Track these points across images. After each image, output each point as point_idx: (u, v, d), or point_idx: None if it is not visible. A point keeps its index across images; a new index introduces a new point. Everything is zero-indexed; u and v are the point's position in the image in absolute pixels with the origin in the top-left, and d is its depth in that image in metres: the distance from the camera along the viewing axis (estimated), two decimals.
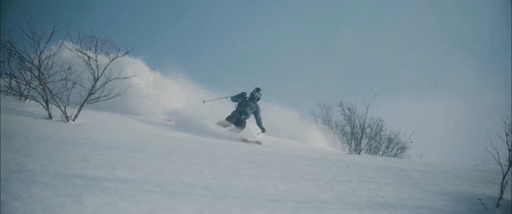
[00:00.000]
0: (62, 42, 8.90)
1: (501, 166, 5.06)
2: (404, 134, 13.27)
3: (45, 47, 8.43)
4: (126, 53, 9.51)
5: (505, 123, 5.59)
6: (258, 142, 9.99)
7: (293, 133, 12.77)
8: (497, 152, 5.49)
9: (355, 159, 7.61)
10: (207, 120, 10.71)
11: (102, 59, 9.07)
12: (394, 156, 13.21)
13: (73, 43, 8.89)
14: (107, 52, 9.36)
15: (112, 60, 9.08)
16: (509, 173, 4.93)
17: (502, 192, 4.79)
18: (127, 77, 9.28)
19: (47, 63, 8.51)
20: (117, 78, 8.95)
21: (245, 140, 10.00)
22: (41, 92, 8.19)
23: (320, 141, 13.09)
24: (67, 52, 9.14)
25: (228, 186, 4.33)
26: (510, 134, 5.18)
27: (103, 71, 8.77)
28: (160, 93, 12.30)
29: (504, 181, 4.87)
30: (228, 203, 3.71)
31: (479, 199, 4.77)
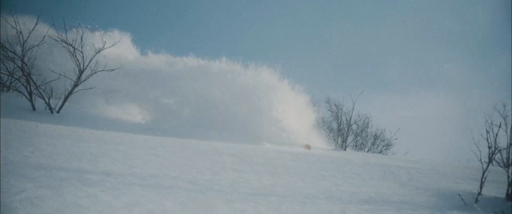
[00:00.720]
0: (47, 32, 8.71)
1: (481, 163, 5.16)
2: (390, 131, 13.43)
3: (28, 36, 8.26)
4: (113, 45, 9.39)
5: (486, 121, 5.69)
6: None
7: None
8: (479, 150, 5.58)
9: (340, 155, 7.69)
10: None
11: (88, 51, 8.94)
12: (380, 152, 13.36)
13: (58, 33, 8.73)
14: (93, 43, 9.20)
15: (98, 52, 8.95)
16: (488, 170, 5.04)
17: (481, 188, 4.89)
18: (113, 69, 9.15)
19: (31, 53, 8.33)
20: (103, 70, 8.83)
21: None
22: (25, 83, 8.04)
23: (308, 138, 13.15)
24: (51, 43, 8.97)
25: (213, 179, 4.32)
26: (490, 132, 5.29)
27: (89, 62, 8.65)
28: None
29: (483, 177, 4.97)
30: (212, 197, 3.70)
31: (459, 195, 4.86)
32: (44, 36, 8.55)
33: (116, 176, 4.00)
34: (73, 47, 8.65)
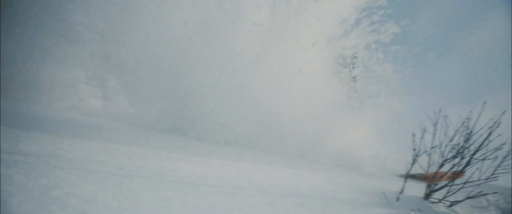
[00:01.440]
0: None
1: (406, 165, 5.51)
2: None
3: None
4: None
5: (419, 126, 6.05)
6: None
7: None
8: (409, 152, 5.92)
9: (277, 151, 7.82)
10: None
11: None
12: None
13: None
14: None
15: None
16: (411, 170, 5.40)
17: (403, 187, 5.22)
18: None
19: None
20: None
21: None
22: None
23: None
24: None
25: (142, 166, 4.22)
26: (416, 135, 5.65)
27: None
28: None
29: (406, 178, 5.31)
30: (138, 183, 3.61)
31: (383, 193, 5.15)
32: None
33: (37, 157, 3.78)
34: None
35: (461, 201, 5.24)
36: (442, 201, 5.28)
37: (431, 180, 5.40)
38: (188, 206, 3.33)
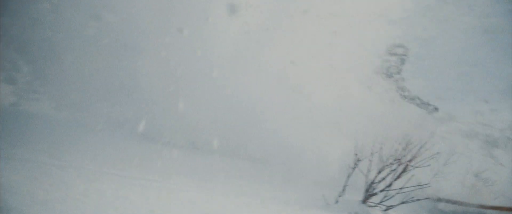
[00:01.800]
0: None
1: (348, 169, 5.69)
2: None
3: None
4: None
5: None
6: None
7: None
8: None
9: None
10: None
11: None
12: None
13: None
14: None
15: None
16: (351, 175, 5.58)
17: (343, 191, 5.40)
18: None
19: None
20: None
21: None
22: None
23: None
24: None
25: (79, 159, 4.11)
26: (357, 141, 5.86)
27: None
28: None
29: (347, 182, 5.49)
30: (72, 174, 3.54)
31: (323, 195, 5.30)
32: None
33: None
34: None
35: (396, 205, 5.48)
36: (379, 205, 5.50)
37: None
38: (121, 199, 3.28)
